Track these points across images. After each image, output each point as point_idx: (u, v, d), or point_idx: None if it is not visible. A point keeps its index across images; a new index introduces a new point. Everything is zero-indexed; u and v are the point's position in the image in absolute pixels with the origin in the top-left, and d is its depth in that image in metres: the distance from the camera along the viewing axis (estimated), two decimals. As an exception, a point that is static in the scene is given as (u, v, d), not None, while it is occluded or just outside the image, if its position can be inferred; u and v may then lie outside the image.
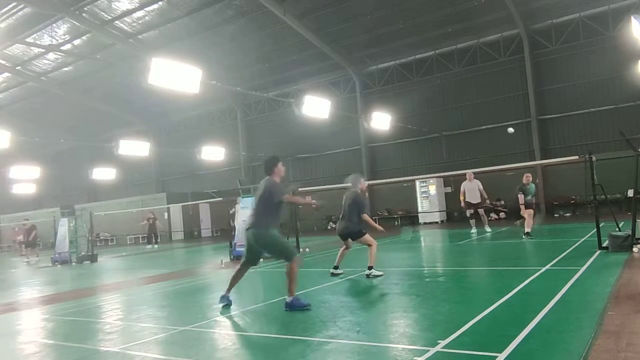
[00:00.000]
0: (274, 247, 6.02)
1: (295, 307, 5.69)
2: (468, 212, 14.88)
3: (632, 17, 10.76)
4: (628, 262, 7.09)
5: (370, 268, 7.55)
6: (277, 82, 27.47)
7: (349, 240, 8.05)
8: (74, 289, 10.17)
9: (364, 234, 7.85)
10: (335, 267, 8.14)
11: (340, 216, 8.04)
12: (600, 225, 8.79)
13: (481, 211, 14.55)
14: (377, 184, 24.65)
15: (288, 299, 5.77)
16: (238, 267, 6.29)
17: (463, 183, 14.61)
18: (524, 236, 11.65)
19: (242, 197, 13.18)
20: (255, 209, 6.13)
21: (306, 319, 5.28)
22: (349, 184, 8.29)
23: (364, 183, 8.25)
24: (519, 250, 10.74)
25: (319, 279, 8.20)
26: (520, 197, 11.90)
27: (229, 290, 6.28)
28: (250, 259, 6.21)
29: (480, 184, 14.27)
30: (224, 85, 17.91)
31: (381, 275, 7.47)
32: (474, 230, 14.51)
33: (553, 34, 21.12)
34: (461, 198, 14.62)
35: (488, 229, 14.50)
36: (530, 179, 12.24)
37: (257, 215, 6.02)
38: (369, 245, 7.72)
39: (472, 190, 14.27)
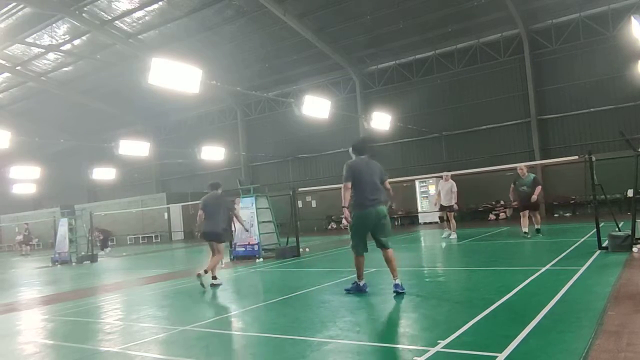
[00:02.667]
0: (389, 225, 6.19)
1: (402, 288, 5.99)
2: (439, 215, 14.20)
3: (632, 17, 10.75)
4: (628, 262, 7.08)
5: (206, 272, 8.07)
6: (277, 82, 27.47)
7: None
8: (74, 289, 10.17)
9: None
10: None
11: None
12: (600, 225, 8.79)
13: (450, 215, 13.66)
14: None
15: (398, 280, 6.03)
16: (357, 257, 6.25)
17: (439, 183, 14.08)
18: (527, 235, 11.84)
19: (242, 197, 13.16)
20: (376, 185, 6.12)
21: (306, 319, 5.28)
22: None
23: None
24: (519, 250, 10.74)
25: (319, 279, 8.20)
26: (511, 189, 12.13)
27: (361, 277, 6.30)
28: (364, 240, 6.18)
29: (455, 185, 13.43)
30: (224, 85, 17.91)
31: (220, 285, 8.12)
32: (445, 234, 13.77)
33: (553, 34, 21.12)
34: (436, 198, 14.29)
35: (453, 236, 13.41)
36: (525, 171, 12.01)
37: (381, 192, 6.12)
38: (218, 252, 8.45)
39: (446, 191, 13.46)
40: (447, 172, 14.07)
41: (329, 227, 26.23)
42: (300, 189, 16.71)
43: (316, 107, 15.92)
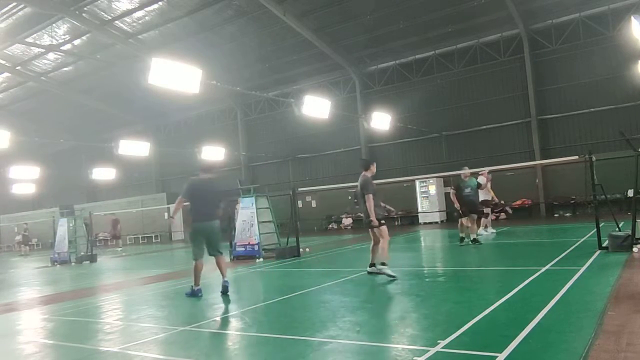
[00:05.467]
0: (219, 237, 7.35)
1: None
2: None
3: (632, 17, 10.75)
4: (628, 262, 7.09)
5: (382, 264, 7.31)
6: (277, 82, 27.47)
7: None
8: (74, 289, 10.16)
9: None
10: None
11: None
12: (600, 225, 8.79)
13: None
14: (377, 184, 24.60)
15: (227, 279, 7.19)
16: (195, 262, 7.22)
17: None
18: (470, 242, 11.18)
19: (242, 197, 13.16)
20: (211, 202, 7.26)
21: (306, 319, 5.28)
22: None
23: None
24: (519, 250, 10.75)
25: (319, 279, 8.21)
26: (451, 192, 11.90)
27: (197, 283, 7.20)
28: (201, 247, 7.25)
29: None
30: (224, 85, 17.88)
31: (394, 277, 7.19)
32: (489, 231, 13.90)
33: (553, 34, 21.11)
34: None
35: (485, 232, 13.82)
36: (468, 174, 11.86)
37: (215, 208, 7.29)
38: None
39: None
40: (487, 169, 14.01)
41: (329, 227, 26.23)
42: (300, 189, 16.69)
43: (316, 107, 15.92)
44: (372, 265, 7.56)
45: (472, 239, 11.31)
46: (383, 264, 7.31)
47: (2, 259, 26.23)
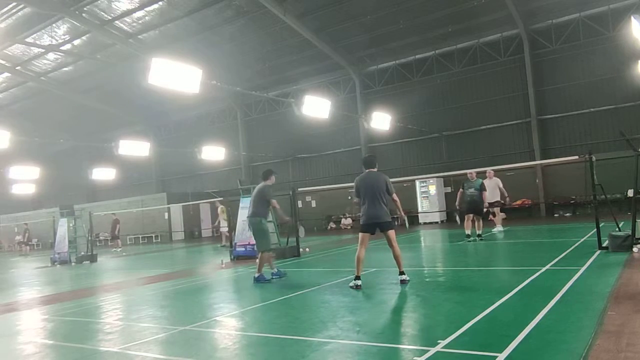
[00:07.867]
0: (256, 234, 8.50)
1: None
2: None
3: (632, 17, 10.74)
4: (628, 262, 7.08)
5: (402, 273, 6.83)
6: (277, 82, 27.46)
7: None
8: (74, 289, 10.17)
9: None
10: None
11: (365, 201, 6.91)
12: (600, 225, 8.79)
13: (497, 210, 14.50)
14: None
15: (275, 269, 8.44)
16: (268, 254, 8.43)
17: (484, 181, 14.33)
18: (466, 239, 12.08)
19: (242, 197, 13.16)
20: (253, 202, 8.46)
21: (306, 319, 5.28)
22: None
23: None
24: (519, 250, 10.75)
25: (319, 279, 8.21)
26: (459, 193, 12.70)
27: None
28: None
29: (500, 182, 13.96)
30: (224, 85, 17.87)
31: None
32: (496, 229, 14.33)
33: (553, 34, 21.11)
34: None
35: (500, 229, 14.36)
36: (474, 175, 12.58)
37: (253, 207, 8.41)
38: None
39: (492, 188, 13.75)
40: (490, 169, 14.31)
41: (329, 227, 26.23)
42: (300, 189, 16.69)
43: (316, 107, 15.90)
44: (402, 273, 6.86)
45: (477, 234, 12.15)
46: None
47: (3, 258, 26.22)
